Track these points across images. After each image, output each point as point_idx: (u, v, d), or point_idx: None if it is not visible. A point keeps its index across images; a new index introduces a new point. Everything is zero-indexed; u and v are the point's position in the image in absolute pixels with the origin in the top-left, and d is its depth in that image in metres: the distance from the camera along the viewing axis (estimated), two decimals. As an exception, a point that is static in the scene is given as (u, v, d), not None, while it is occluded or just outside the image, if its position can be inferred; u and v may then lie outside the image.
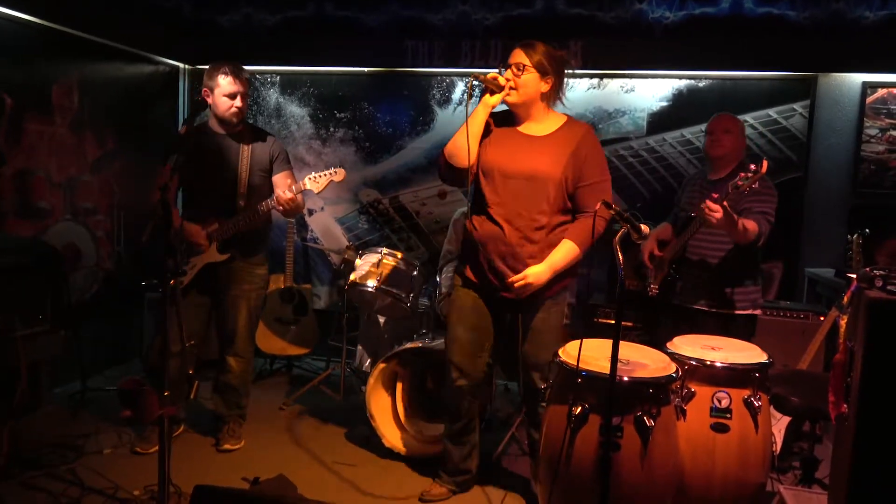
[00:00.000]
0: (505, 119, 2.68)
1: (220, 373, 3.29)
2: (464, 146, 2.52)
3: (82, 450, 3.10)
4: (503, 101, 2.58)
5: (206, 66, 3.09)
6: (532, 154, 2.58)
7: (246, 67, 4.97)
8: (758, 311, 3.06)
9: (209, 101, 3.04)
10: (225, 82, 3.02)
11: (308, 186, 2.98)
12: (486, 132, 2.64)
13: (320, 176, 2.99)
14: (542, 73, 2.56)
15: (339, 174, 3.02)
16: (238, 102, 3.05)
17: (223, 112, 3.05)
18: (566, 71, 2.64)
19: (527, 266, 2.54)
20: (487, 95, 2.55)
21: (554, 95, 2.63)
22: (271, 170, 3.19)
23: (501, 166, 2.58)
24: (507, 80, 2.54)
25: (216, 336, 3.34)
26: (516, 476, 3.08)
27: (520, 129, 2.65)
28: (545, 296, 2.62)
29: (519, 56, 2.55)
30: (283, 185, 3.12)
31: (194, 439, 3.34)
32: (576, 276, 2.73)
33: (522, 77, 2.54)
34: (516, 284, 2.52)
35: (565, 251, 2.55)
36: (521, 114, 2.64)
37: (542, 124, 2.64)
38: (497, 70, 2.59)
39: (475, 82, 2.53)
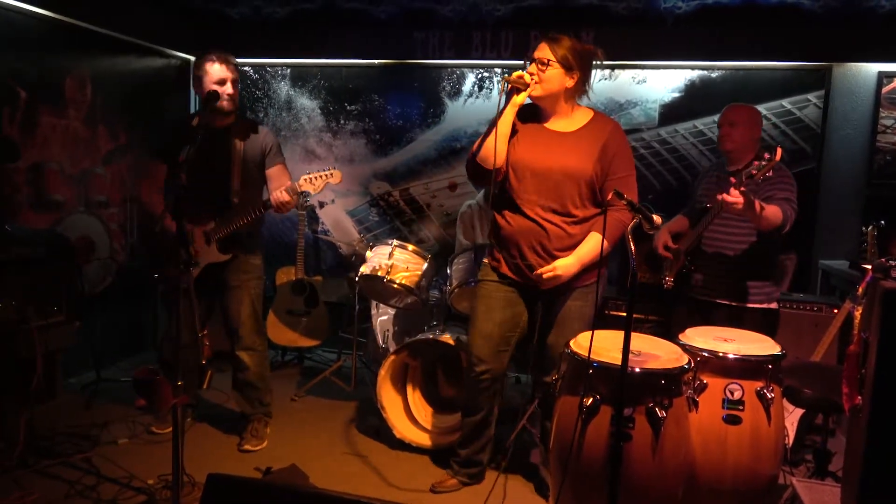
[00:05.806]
0: (532, 115, 2.65)
1: (236, 370, 3.23)
2: (492, 148, 2.51)
3: (97, 439, 3.14)
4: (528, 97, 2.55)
5: None
6: (561, 151, 2.57)
7: (256, 60, 4.97)
8: (773, 305, 3.04)
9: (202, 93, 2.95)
10: (213, 69, 2.94)
11: (304, 188, 2.90)
12: (514, 130, 2.61)
13: (317, 177, 2.90)
14: (567, 68, 2.52)
15: (335, 176, 2.93)
16: (229, 89, 2.96)
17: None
18: (594, 63, 2.59)
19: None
20: (514, 95, 2.52)
21: (580, 90, 2.60)
22: (264, 163, 3.12)
23: (532, 164, 2.56)
24: (532, 74, 2.52)
25: (223, 330, 3.32)
26: (526, 463, 3.09)
27: (546, 125, 2.63)
28: (574, 285, 2.62)
29: (543, 51, 2.53)
30: (277, 180, 3.06)
31: (207, 429, 3.36)
32: (606, 267, 2.73)
33: (546, 72, 2.52)
34: (545, 276, 2.52)
35: (593, 244, 2.56)
36: (547, 108, 2.62)
37: (568, 119, 2.62)
38: (522, 64, 2.55)
39: (506, 84, 2.50)
